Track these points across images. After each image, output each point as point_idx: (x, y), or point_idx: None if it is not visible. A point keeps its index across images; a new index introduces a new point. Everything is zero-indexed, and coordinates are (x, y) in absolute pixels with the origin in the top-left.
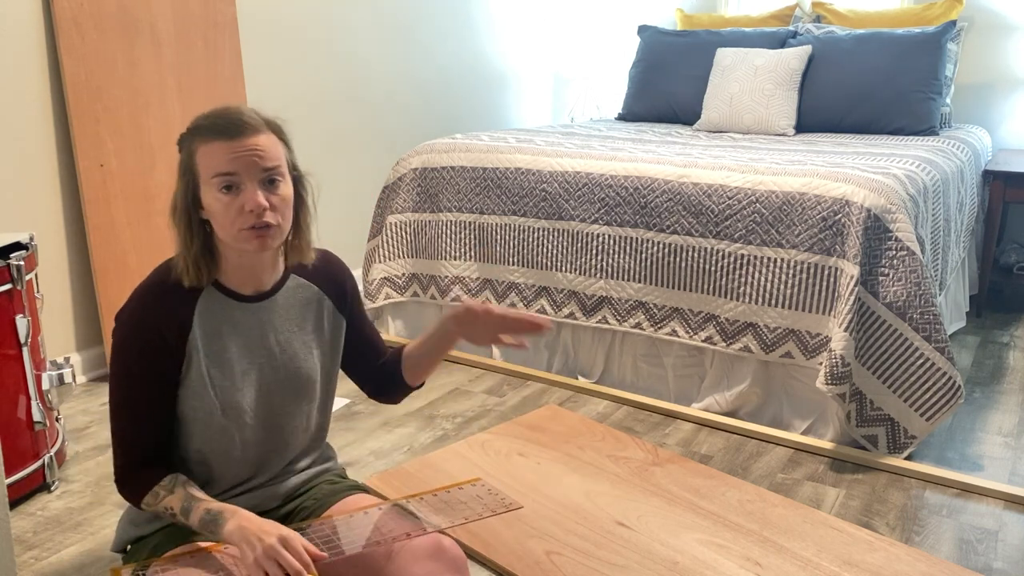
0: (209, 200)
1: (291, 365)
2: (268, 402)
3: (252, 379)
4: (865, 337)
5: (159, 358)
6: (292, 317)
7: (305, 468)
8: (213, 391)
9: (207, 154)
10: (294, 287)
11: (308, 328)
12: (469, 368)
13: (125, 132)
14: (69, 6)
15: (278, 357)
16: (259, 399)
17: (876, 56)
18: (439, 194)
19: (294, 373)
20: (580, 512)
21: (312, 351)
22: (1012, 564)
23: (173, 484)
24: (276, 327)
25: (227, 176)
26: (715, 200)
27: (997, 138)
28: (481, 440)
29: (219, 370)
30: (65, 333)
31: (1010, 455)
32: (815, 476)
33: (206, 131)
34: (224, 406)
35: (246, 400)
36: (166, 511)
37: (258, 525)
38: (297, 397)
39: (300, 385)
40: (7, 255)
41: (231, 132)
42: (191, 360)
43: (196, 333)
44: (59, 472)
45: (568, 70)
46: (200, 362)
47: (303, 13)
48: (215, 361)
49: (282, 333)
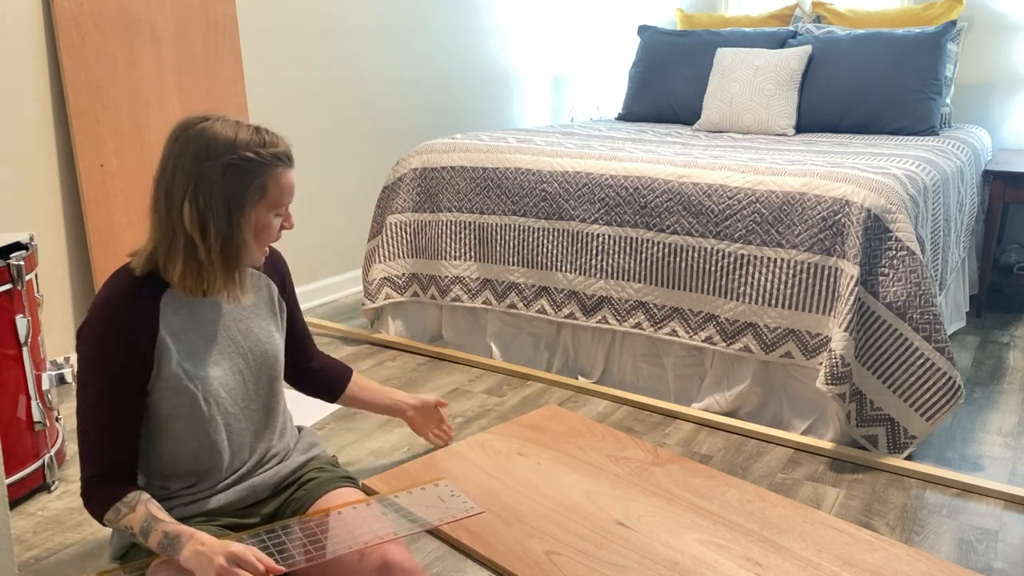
0: (263, 218)
1: (257, 349)
2: (244, 387)
3: (225, 367)
4: (865, 337)
5: (131, 368)
6: (247, 304)
7: (289, 453)
8: (191, 383)
9: (279, 180)
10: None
11: (263, 312)
12: (469, 368)
13: (125, 132)
14: (69, 6)
15: (243, 344)
16: (235, 385)
17: (876, 56)
18: (439, 194)
19: (261, 356)
20: (580, 512)
21: (272, 333)
22: (1012, 564)
23: (135, 501)
24: (235, 316)
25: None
26: (715, 200)
27: (997, 138)
28: (481, 440)
29: (192, 364)
30: (65, 333)
31: (1010, 455)
32: (815, 476)
33: (286, 159)
34: (205, 395)
35: (224, 388)
36: (126, 530)
37: (210, 548)
38: (268, 378)
39: (269, 366)
40: (7, 255)
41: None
42: (162, 360)
43: (163, 333)
44: (59, 472)
45: (568, 70)
46: (172, 360)
47: (303, 13)
48: (187, 356)
49: (242, 321)
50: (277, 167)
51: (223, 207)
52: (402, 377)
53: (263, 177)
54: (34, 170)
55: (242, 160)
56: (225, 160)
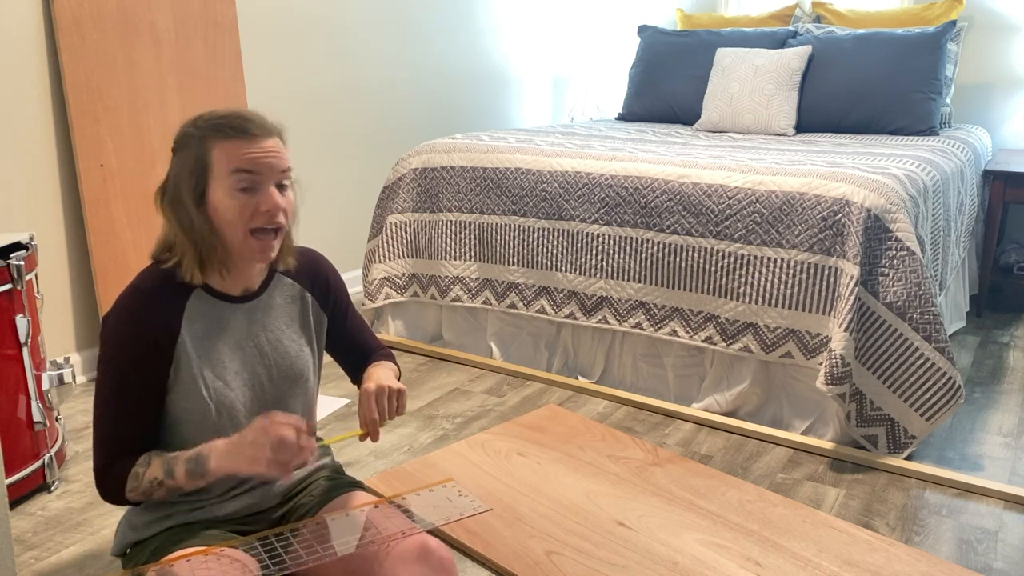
0: (221, 197)
1: (283, 363)
2: (261, 399)
3: (245, 378)
4: (865, 337)
5: (149, 362)
6: (280, 315)
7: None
8: (206, 392)
9: (226, 151)
10: (279, 286)
11: (296, 326)
12: (469, 368)
13: (125, 132)
14: (69, 6)
15: (269, 355)
16: (252, 397)
17: (876, 56)
18: (439, 194)
19: (286, 370)
20: (580, 512)
21: (302, 348)
22: (1012, 564)
23: (148, 459)
24: (265, 325)
25: (248, 175)
26: (715, 200)
27: (997, 138)
28: (481, 440)
29: (211, 370)
30: (65, 333)
31: (1010, 455)
32: (815, 476)
33: (226, 129)
34: (218, 406)
35: (239, 399)
36: (151, 484)
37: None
38: (290, 393)
39: (292, 381)
40: (7, 255)
41: (252, 132)
42: (180, 362)
43: (185, 336)
44: (59, 472)
45: (568, 70)
46: (191, 363)
47: (303, 13)
48: (207, 362)
49: (271, 331)
50: (219, 137)
51: (182, 192)
52: (402, 377)
53: (202, 150)
54: (34, 170)
55: (182, 138)
56: (174, 144)
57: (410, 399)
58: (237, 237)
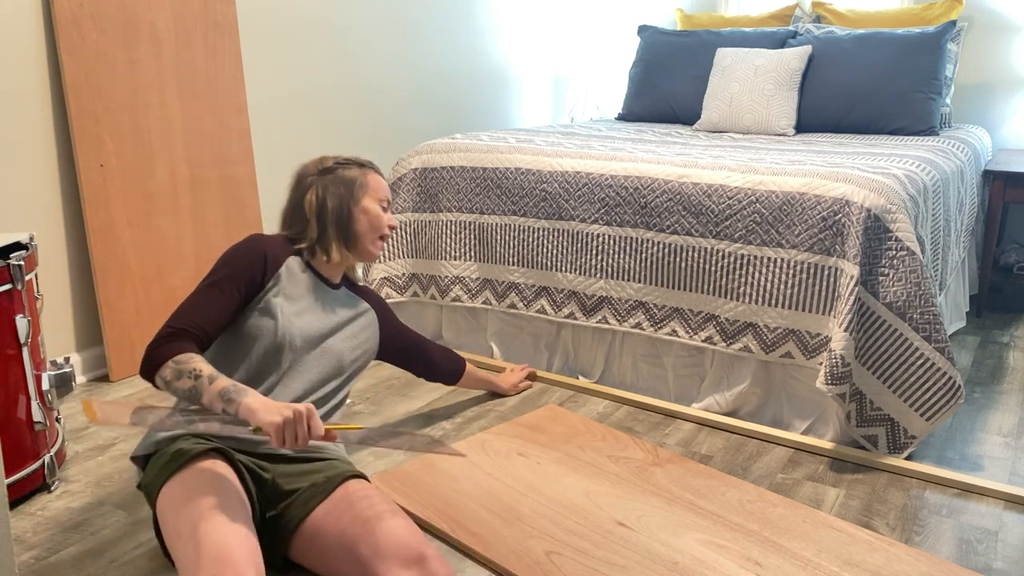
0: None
1: (335, 346)
2: (319, 344)
3: (311, 321)
4: (865, 337)
5: (251, 272)
6: (345, 312)
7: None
8: (280, 314)
9: (378, 183)
10: (347, 294)
11: (354, 328)
12: None
13: (125, 132)
14: (69, 6)
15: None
16: (312, 339)
17: (876, 56)
18: (439, 194)
19: (336, 355)
20: (580, 512)
21: (353, 348)
22: (1012, 564)
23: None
24: (335, 310)
25: (386, 200)
26: (715, 200)
27: (997, 138)
28: (481, 440)
29: (289, 304)
30: (65, 333)
31: (1010, 455)
32: (815, 476)
33: (373, 168)
34: (283, 329)
35: (301, 334)
36: (190, 374)
37: (274, 401)
38: (335, 364)
39: (336, 361)
40: (7, 255)
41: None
42: (268, 291)
43: (283, 273)
44: (59, 472)
45: (568, 70)
46: (278, 293)
47: (303, 13)
48: (288, 298)
49: (337, 315)
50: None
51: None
52: (402, 377)
53: (362, 178)
54: (34, 170)
55: (345, 163)
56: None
57: (410, 399)
58: (369, 239)
